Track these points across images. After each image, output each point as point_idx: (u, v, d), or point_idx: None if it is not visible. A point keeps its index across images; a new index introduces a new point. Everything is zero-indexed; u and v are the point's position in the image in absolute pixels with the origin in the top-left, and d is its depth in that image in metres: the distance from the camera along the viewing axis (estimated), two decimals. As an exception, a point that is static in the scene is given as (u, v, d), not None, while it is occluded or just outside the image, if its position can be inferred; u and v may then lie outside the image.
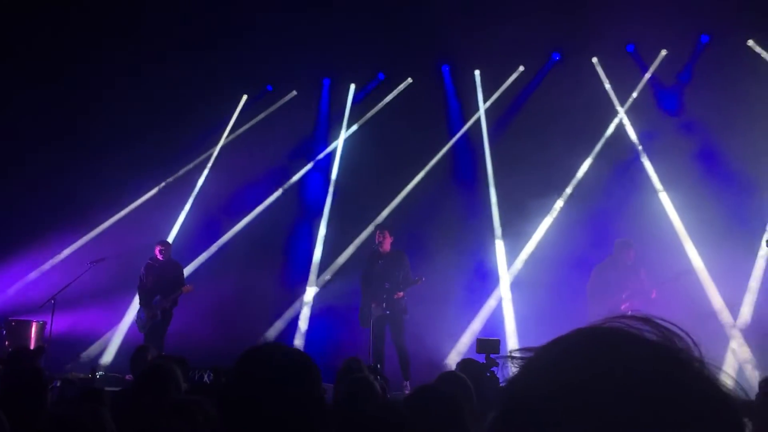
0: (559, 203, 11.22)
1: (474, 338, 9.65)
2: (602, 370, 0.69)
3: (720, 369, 0.72)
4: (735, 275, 9.81)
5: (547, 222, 11.14)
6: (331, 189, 12.60)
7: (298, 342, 11.23)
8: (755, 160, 9.97)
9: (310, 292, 11.72)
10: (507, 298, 10.98)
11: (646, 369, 0.69)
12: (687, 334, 0.74)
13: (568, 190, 11.30)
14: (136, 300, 10.24)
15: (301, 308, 11.63)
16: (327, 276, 8.58)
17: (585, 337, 0.74)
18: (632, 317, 0.75)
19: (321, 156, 12.94)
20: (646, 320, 0.75)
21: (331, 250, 11.94)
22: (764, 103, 10.01)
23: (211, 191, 12.66)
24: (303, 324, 11.52)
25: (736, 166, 10.09)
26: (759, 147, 9.88)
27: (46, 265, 11.96)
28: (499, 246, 11.36)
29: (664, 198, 10.76)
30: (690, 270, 9.70)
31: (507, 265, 11.21)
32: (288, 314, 11.56)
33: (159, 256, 9.87)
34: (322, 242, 12.13)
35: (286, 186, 12.62)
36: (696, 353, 0.72)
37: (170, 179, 12.76)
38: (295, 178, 12.77)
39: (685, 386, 0.68)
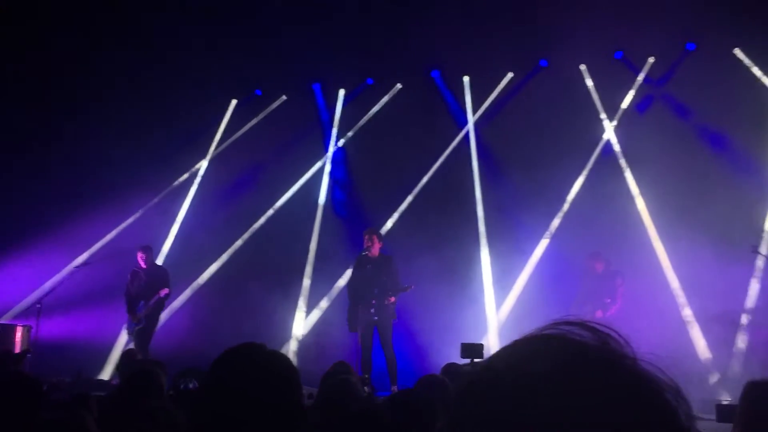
0: (549, 216, 11.29)
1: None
2: (530, 373, 0.71)
3: (654, 366, 0.73)
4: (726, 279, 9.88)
5: (535, 231, 11.21)
6: (322, 193, 12.62)
7: (293, 346, 11.26)
8: (741, 166, 10.10)
9: (303, 300, 11.75)
10: (491, 304, 11.02)
11: (572, 368, 0.71)
12: (618, 333, 0.76)
13: (556, 196, 11.37)
14: (120, 305, 10.22)
15: (294, 318, 11.63)
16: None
17: (520, 344, 0.77)
18: (567, 322, 0.78)
19: (313, 169, 12.92)
20: (581, 324, 0.77)
21: (324, 257, 11.96)
22: (749, 110, 10.13)
23: (204, 198, 12.65)
24: (298, 330, 11.51)
25: (722, 172, 10.21)
26: (744, 152, 10.00)
27: (31, 269, 11.88)
28: (484, 254, 11.42)
29: (641, 205, 10.86)
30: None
31: (491, 272, 11.28)
32: (281, 323, 11.55)
33: (142, 264, 9.82)
34: (314, 251, 12.13)
35: (276, 206, 12.53)
36: (628, 351, 0.75)
37: (164, 193, 12.71)
38: (289, 193, 12.71)
39: (612, 382, 0.70)
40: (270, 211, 12.42)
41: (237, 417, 1.75)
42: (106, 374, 10.83)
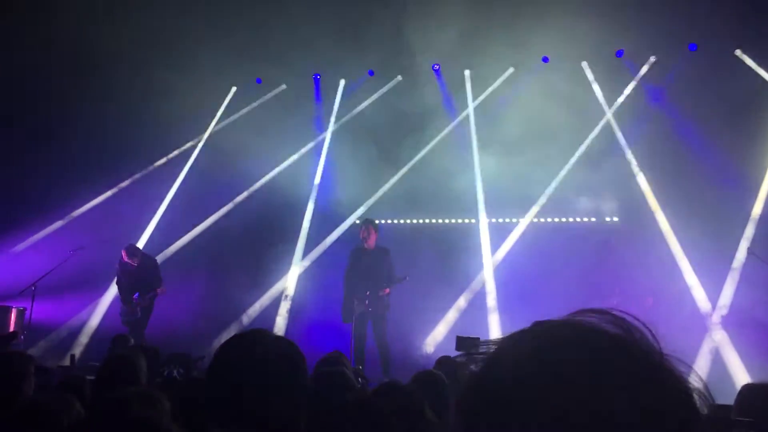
0: (544, 201, 11.32)
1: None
2: (557, 362, 0.69)
3: (681, 361, 0.71)
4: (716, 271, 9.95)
5: (531, 220, 11.22)
6: (316, 181, 12.62)
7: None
8: (739, 163, 10.21)
9: (291, 284, 11.74)
10: (492, 295, 11.00)
11: (602, 360, 0.69)
12: (646, 325, 0.74)
13: (553, 187, 11.42)
14: (113, 289, 10.22)
15: (281, 301, 11.66)
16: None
17: (541, 330, 0.75)
18: (591, 311, 0.75)
19: (307, 148, 12.95)
20: (605, 313, 0.74)
21: (315, 241, 12.01)
22: (749, 110, 10.15)
23: (194, 181, 12.64)
24: (281, 320, 11.51)
25: (720, 169, 10.25)
26: (743, 150, 10.12)
27: (24, 248, 11.88)
28: (485, 242, 11.40)
29: (650, 196, 10.89)
30: None
31: (492, 261, 11.29)
32: (268, 306, 11.56)
33: (132, 264, 9.76)
34: (306, 233, 12.15)
35: (266, 179, 12.59)
36: (655, 345, 0.72)
37: (156, 164, 12.73)
38: (281, 167, 12.76)
39: (642, 376, 0.68)
40: (258, 186, 12.57)
41: (243, 400, 1.78)
42: (99, 358, 10.80)
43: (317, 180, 12.65)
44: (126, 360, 3.62)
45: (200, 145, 13.15)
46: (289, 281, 11.76)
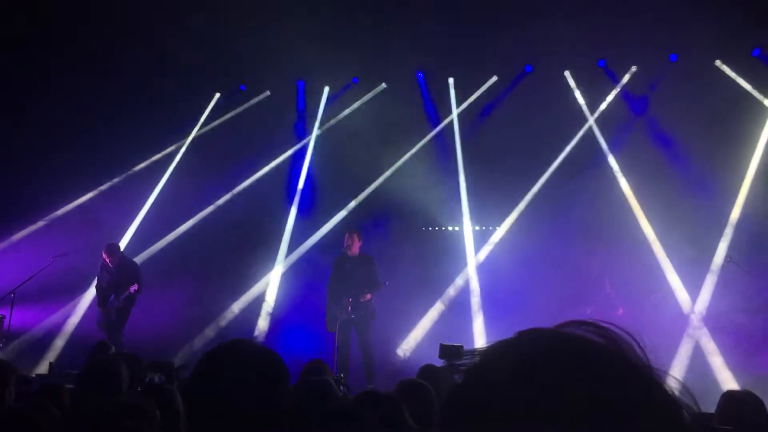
0: (527, 204, 11.41)
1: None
2: (543, 374, 0.68)
3: (668, 374, 0.71)
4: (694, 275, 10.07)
5: (513, 223, 11.30)
6: (299, 186, 12.60)
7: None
8: (717, 170, 10.41)
9: (273, 289, 11.71)
10: (476, 300, 11.01)
11: (589, 372, 0.68)
12: (634, 338, 0.73)
13: (536, 190, 11.52)
14: (89, 294, 10.09)
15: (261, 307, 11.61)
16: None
17: (526, 342, 0.73)
18: (579, 322, 0.74)
19: (290, 152, 12.94)
20: (593, 325, 0.73)
21: (297, 245, 11.99)
22: (728, 120, 10.36)
23: (176, 185, 12.54)
24: (263, 323, 11.46)
25: (699, 176, 10.43)
26: (721, 158, 10.32)
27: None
28: (470, 247, 11.42)
29: (632, 199, 11.02)
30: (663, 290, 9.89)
31: (475, 267, 11.33)
32: (248, 310, 11.52)
33: (109, 263, 9.68)
34: (288, 237, 12.12)
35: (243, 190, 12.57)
36: (643, 357, 0.71)
37: (135, 169, 12.62)
38: (264, 172, 12.73)
39: (632, 389, 0.67)
40: (239, 189, 12.51)
41: (223, 411, 1.77)
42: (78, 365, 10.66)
43: (300, 185, 12.62)
44: (107, 367, 3.57)
45: (182, 150, 13.04)
46: (270, 286, 11.71)
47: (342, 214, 12.01)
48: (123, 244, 11.57)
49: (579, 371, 0.68)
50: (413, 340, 10.68)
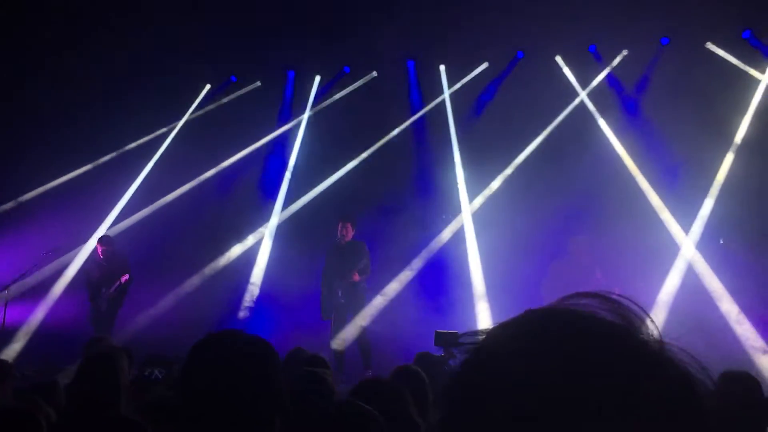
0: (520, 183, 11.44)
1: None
2: (554, 352, 0.65)
3: (679, 348, 0.68)
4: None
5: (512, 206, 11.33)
6: (287, 175, 12.58)
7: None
8: (708, 153, 10.56)
9: (258, 276, 11.74)
10: (480, 292, 10.94)
11: (600, 349, 0.65)
12: (645, 311, 0.70)
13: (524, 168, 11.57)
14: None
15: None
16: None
17: (535, 319, 0.70)
18: (586, 294, 0.71)
19: (279, 140, 12.93)
20: (602, 298, 0.70)
21: (286, 232, 12.00)
22: (719, 102, 10.42)
23: (161, 174, 12.45)
24: (251, 314, 11.46)
25: (688, 159, 10.55)
26: (712, 141, 10.45)
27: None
28: (469, 232, 11.44)
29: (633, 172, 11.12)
30: None
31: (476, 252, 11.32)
32: (238, 299, 11.51)
33: (101, 255, 9.64)
34: (275, 224, 12.12)
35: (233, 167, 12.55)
36: (654, 332, 0.69)
37: (117, 153, 12.51)
38: (254, 159, 12.74)
39: (642, 366, 0.65)
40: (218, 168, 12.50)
41: (214, 403, 1.75)
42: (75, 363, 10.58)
43: (288, 174, 12.59)
44: (106, 360, 3.52)
45: (168, 139, 12.93)
46: (257, 273, 11.72)
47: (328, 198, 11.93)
48: (104, 228, 11.46)
49: (591, 352, 0.65)
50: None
